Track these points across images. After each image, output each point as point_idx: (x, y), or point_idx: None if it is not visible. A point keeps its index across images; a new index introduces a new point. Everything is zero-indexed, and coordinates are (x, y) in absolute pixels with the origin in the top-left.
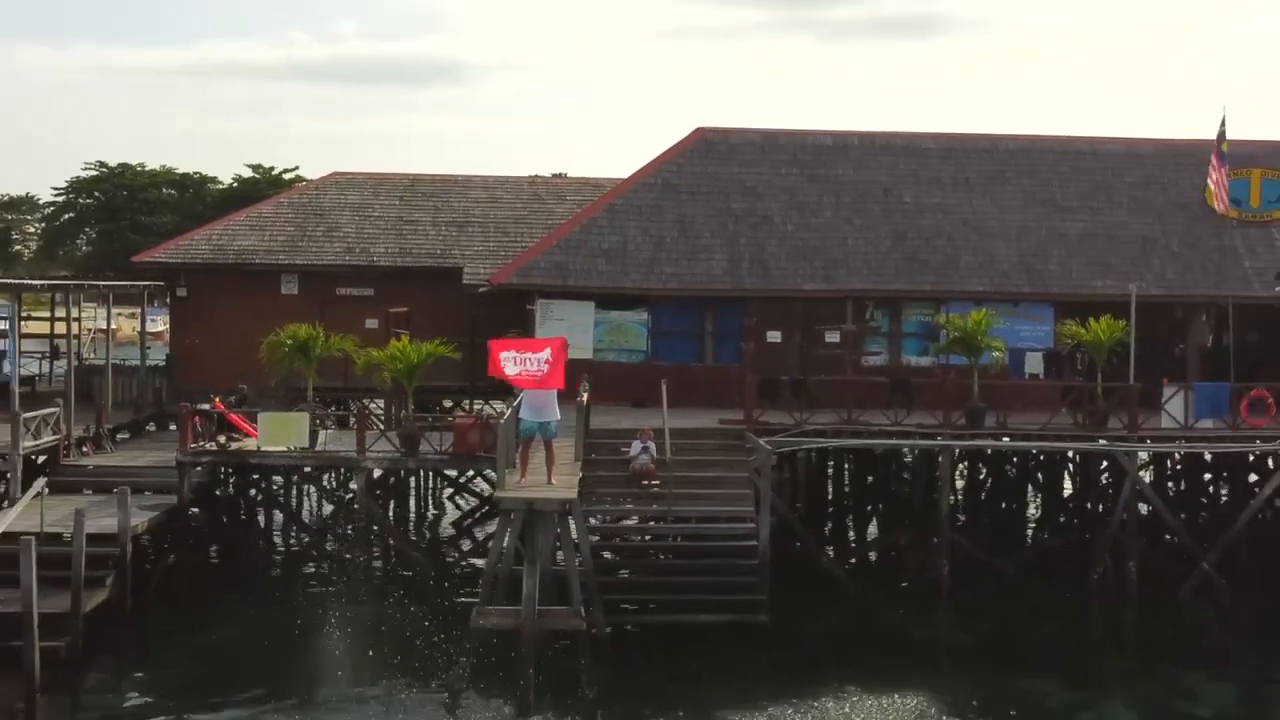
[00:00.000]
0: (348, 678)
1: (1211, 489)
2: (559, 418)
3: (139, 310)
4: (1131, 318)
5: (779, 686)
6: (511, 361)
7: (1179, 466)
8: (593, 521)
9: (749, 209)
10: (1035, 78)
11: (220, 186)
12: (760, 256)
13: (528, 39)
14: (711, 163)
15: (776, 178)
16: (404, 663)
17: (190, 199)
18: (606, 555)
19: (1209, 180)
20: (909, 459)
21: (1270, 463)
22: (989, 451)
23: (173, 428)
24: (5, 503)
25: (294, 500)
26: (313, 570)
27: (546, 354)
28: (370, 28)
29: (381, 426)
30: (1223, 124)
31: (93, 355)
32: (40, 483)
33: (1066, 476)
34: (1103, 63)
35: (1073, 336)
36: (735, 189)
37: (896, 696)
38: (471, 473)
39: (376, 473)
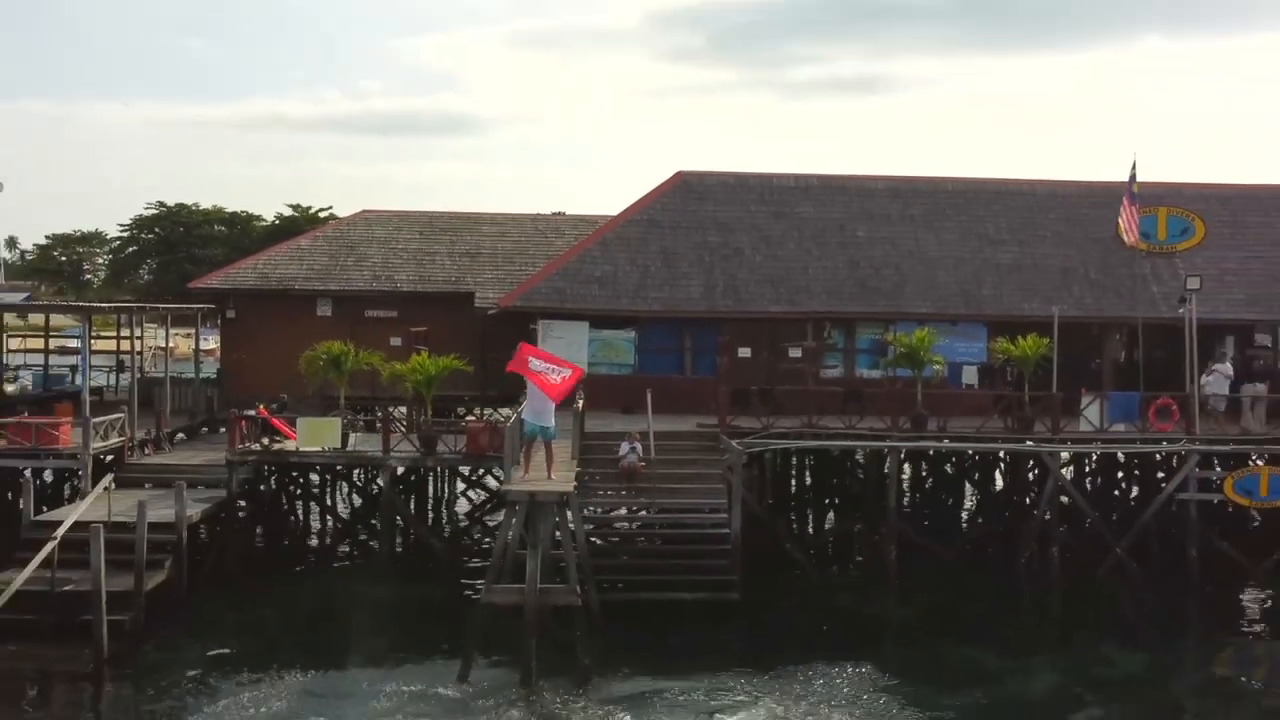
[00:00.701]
0: (373, 648)
1: (1124, 484)
2: (554, 424)
3: (194, 330)
4: (1054, 336)
5: (748, 655)
6: (539, 362)
7: (1095, 465)
8: (587, 512)
9: (722, 242)
10: (970, 128)
11: (264, 223)
12: (732, 283)
13: (529, 96)
14: (690, 202)
15: (746, 215)
16: (422, 634)
17: (238, 234)
18: (599, 541)
19: (1121, 217)
20: (861, 459)
21: (1174, 461)
22: (931, 452)
23: (222, 431)
24: (77, 496)
25: (328, 494)
26: (344, 555)
27: (567, 373)
28: (393, 86)
29: (404, 430)
30: (1133, 168)
31: (153, 369)
32: (108, 478)
33: (998, 474)
34: (1028, 116)
35: (1003, 352)
36: (711, 225)
37: (849, 664)
38: (482, 470)
39: (399, 470)
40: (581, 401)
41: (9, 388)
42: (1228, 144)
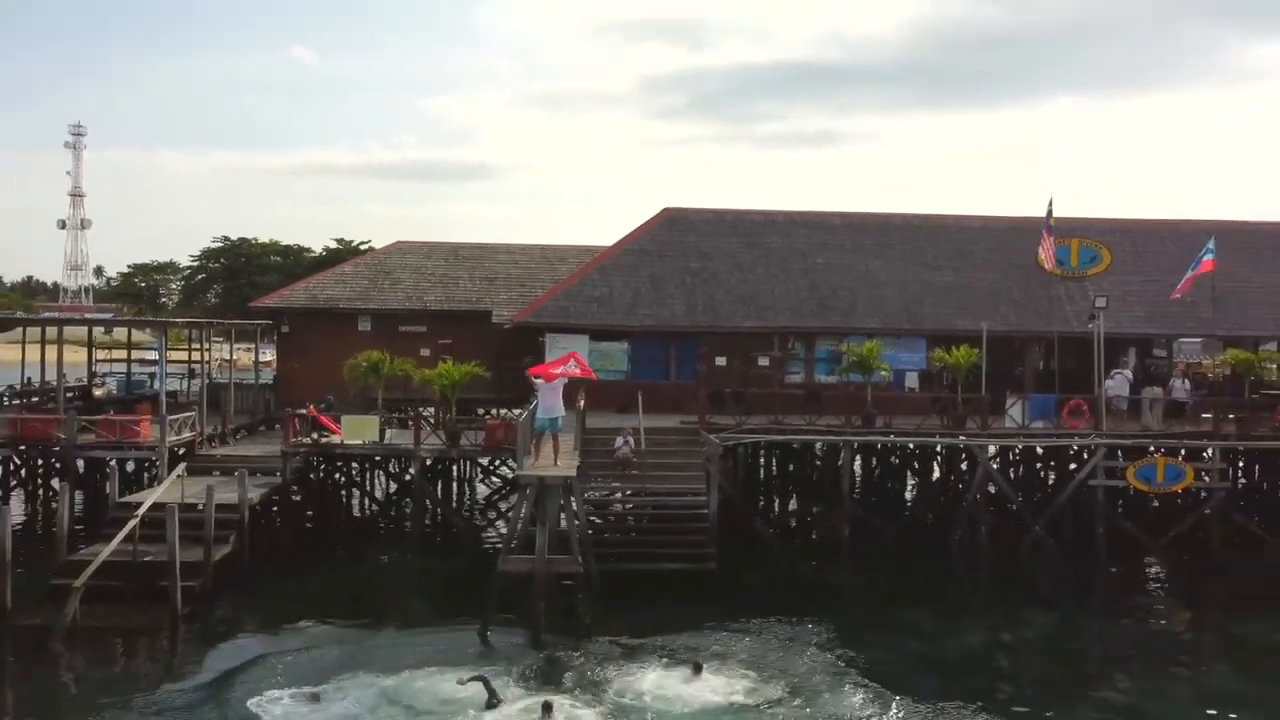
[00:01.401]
0: (405, 609)
1: (1041, 473)
2: (564, 414)
3: (254, 343)
4: (983, 347)
5: (722, 616)
6: (560, 369)
7: (1018, 456)
8: (587, 495)
9: (702, 267)
10: (911, 173)
11: (313, 254)
12: (711, 303)
13: (536, 148)
14: (675, 234)
15: (723, 245)
16: (447, 598)
17: (291, 263)
18: (597, 519)
19: (1040, 247)
20: (819, 451)
21: (1084, 453)
22: (878, 445)
23: (277, 428)
24: (155, 481)
25: (367, 481)
26: (381, 532)
27: (572, 363)
28: (424, 140)
29: (432, 426)
30: (1050, 205)
31: (219, 376)
32: (181, 467)
33: (935, 464)
34: (960, 162)
35: (940, 361)
36: (692, 253)
37: (809, 623)
38: (498, 460)
39: (428, 460)
40: (583, 402)
41: (97, 391)
42: (1129, 184)
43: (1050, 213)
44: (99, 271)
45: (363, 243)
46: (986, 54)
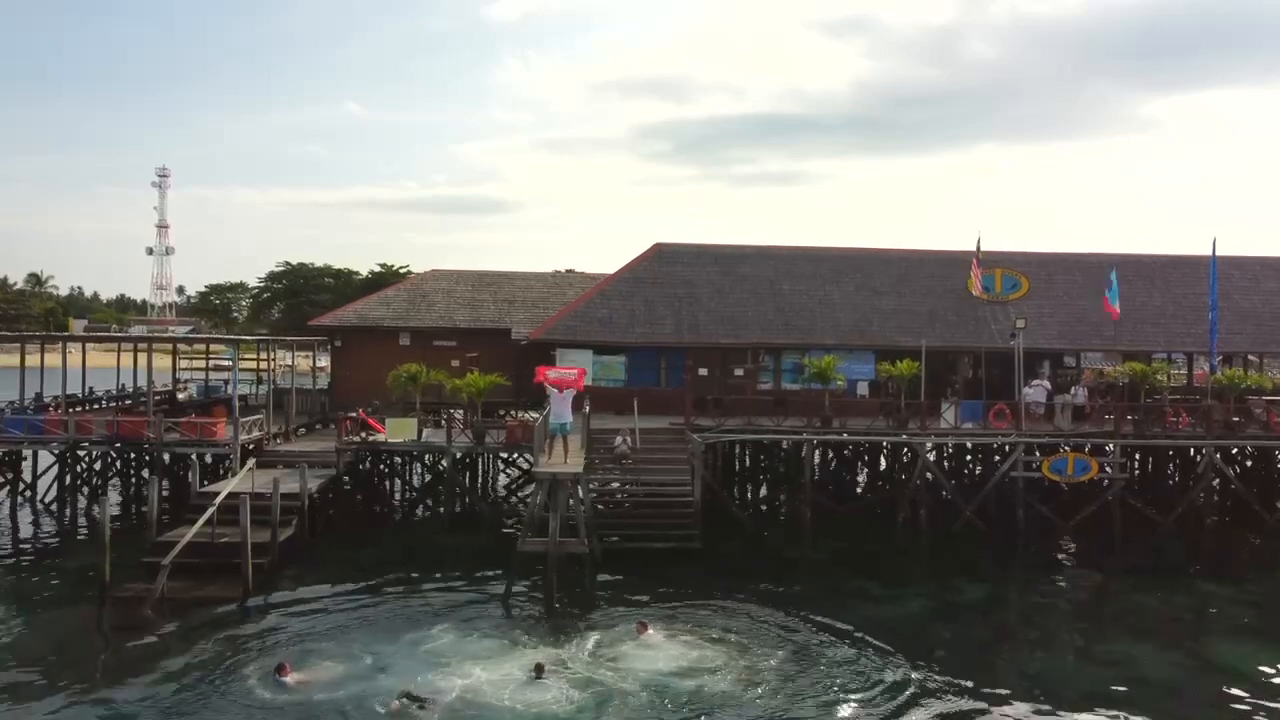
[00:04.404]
0: (440, 580)
1: (971, 466)
2: (572, 419)
3: (312, 354)
4: (922, 360)
5: (705, 586)
6: (554, 372)
7: (951, 452)
8: (592, 486)
9: (688, 293)
10: (860, 207)
11: (361, 277)
12: (694, 322)
13: (548, 186)
14: (664, 264)
15: (704, 274)
16: (474, 571)
17: (342, 284)
18: (600, 506)
19: (970, 275)
20: (785, 447)
21: (1007, 449)
22: (835, 442)
23: (332, 427)
24: (230, 473)
25: (407, 472)
26: (418, 515)
27: (574, 373)
28: (453, 179)
29: (461, 426)
30: (978, 240)
31: (283, 382)
32: (251, 461)
33: (882, 458)
34: (902, 201)
35: (886, 371)
36: (679, 280)
37: (777, 591)
38: (517, 455)
39: (458, 455)
40: (588, 407)
41: (180, 395)
42: (1043, 221)
43: (979, 246)
44: (181, 290)
45: (402, 266)
46: (922, 108)
